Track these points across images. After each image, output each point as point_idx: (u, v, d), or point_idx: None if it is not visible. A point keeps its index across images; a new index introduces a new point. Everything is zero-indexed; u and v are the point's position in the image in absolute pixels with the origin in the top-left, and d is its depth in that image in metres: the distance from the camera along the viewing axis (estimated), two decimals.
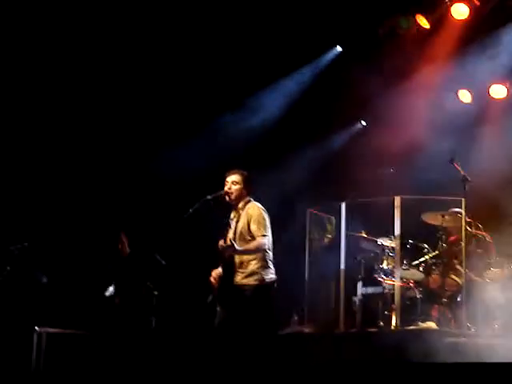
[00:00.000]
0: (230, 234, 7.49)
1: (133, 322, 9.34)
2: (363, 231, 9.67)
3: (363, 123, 11.66)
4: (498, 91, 10.61)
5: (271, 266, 7.49)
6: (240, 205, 7.62)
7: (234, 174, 7.63)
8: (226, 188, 7.60)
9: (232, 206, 7.67)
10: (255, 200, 7.67)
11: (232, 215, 7.67)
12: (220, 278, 7.43)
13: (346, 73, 10.99)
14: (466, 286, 8.77)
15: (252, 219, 7.47)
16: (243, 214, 7.54)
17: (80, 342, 9.59)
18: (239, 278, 7.39)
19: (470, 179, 8.81)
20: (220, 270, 7.50)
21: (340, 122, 11.49)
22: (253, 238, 7.45)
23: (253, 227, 7.45)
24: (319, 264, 9.95)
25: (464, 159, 9.18)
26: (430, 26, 10.43)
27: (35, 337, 9.37)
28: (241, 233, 7.48)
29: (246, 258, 7.44)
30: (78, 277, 10.25)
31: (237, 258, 7.45)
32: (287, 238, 9.74)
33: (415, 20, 10.42)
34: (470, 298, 8.73)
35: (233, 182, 7.60)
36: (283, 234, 7.92)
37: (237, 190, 7.60)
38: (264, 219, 7.50)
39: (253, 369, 7.12)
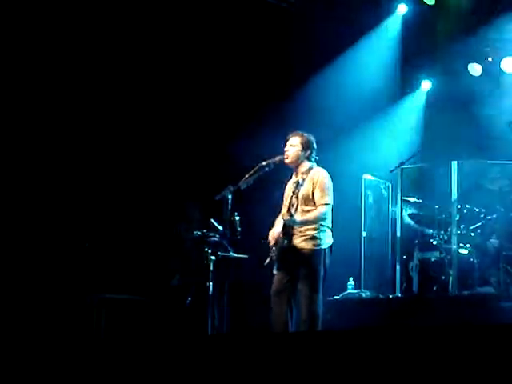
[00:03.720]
0: (293, 199, 7.49)
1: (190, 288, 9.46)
2: (419, 196, 9.62)
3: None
4: None
5: (330, 231, 7.52)
6: (303, 169, 7.58)
7: (293, 136, 7.63)
8: (285, 150, 7.63)
9: (293, 170, 7.68)
10: (319, 165, 7.66)
11: (294, 179, 7.65)
12: (278, 239, 7.46)
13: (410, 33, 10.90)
14: None
15: (317, 186, 7.46)
16: (308, 178, 7.49)
17: (138, 307, 9.76)
18: (298, 241, 7.41)
19: None
20: (276, 231, 7.52)
21: (398, 88, 11.38)
22: (315, 203, 7.48)
23: (316, 194, 7.44)
24: (375, 229, 9.95)
25: None
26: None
27: (95, 303, 9.56)
28: (305, 198, 7.47)
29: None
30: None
31: None
32: (343, 203, 9.74)
33: None
34: None
35: (291, 144, 7.60)
36: (339, 200, 7.91)
37: (294, 152, 7.58)
38: (329, 187, 7.49)
39: (310, 332, 7.16)
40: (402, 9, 10.87)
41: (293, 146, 7.58)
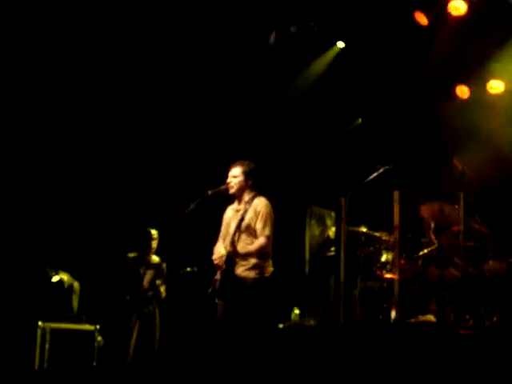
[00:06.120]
0: (235, 229, 7.56)
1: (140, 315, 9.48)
2: (363, 225, 9.73)
3: (361, 119, 11.71)
4: (495, 87, 10.74)
5: (270, 259, 7.61)
6: (246, 198, 7.70)
7: (234, 167, 7.73)
8: (227, 182, 7.71)
9: (236, 198, 7.75)
10: (261, 193, 7.75)
11: (236, 206, 7.74)
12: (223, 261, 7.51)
13: (346, 68, 11.07)
14: (464, 279, 8.81)
15: (259, 217, 7.57)
16: (250, 208, 7.62)
17: (87, 336, 9.71)
18: (240, 271, 7.50)
19: (467, 172, 8.83)
20: (221, 249, 7.57)
21: (339, 117, 11.56)
22: (256, 234, 7.55)
23: (258, 225, 7.55)
24: (319, 258, 10.04)
25: (462, 153, 9.22)
26: (428, 23, 10.48)
27: (39, 332, 9.47)
28: (247, 226, 7.57)
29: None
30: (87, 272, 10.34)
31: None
32: (288, 233, 9.84)
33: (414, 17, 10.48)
34: (469, 291, 8.79)
35: (232, 175, 7.69)
36: (284, 230, 8.01)
37: (237, 183, 7.69)
38: (270, 219, 7.62)
39: (253, 361, 7.21)
40: (340, 44, 11.10)
41: (235, 176, 7.67)
